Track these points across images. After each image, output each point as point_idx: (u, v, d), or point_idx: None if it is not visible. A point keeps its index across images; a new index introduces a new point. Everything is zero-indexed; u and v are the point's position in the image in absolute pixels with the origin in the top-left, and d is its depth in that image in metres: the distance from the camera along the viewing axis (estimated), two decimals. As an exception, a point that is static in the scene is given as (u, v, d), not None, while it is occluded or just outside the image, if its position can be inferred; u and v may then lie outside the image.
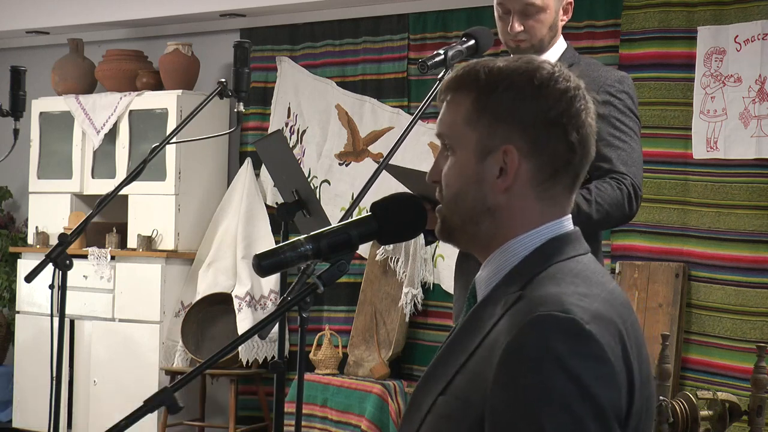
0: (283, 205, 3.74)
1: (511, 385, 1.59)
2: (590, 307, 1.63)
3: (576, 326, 1.60)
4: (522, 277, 1.71)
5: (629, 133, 3.22)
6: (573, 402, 1.56)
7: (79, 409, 6.95)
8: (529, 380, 1.58)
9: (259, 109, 6.94)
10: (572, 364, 1.57)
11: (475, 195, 1.74)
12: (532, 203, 1.74)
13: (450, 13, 6.21)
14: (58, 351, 3.45)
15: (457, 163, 1.76)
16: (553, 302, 1.63)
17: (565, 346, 1.58)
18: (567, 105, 1.74)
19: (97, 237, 6.96)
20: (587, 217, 3.04)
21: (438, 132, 1.80)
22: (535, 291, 1.67)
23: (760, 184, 5.14)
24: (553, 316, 1.61)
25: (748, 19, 5.20)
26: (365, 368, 6.08)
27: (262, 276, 1.81)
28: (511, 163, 1.72)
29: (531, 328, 1.60)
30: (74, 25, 7.42)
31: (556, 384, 1.57)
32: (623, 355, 1.64)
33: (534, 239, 1.74)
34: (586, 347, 1.59)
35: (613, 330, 1.64)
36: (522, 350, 1.60)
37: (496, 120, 1.72)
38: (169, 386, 1.67)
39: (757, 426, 4.03)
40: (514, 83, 1.73)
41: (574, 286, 1.67)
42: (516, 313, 1.65)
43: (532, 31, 3.25)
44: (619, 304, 1.69)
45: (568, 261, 1.73)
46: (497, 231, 1.75)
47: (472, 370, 1.67)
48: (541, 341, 1.59)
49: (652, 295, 5.32)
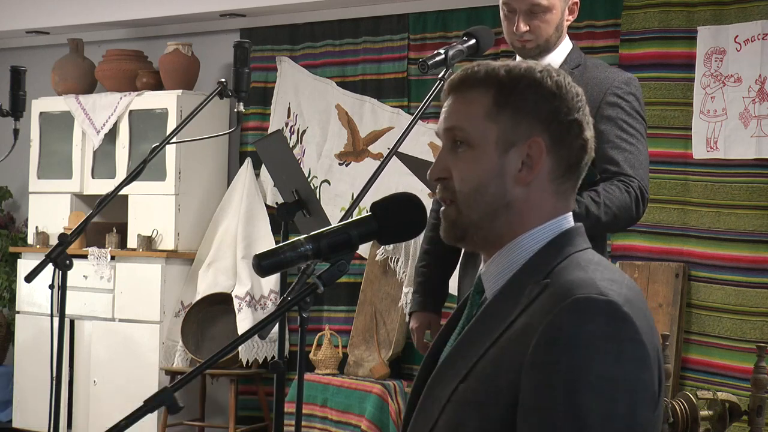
0: (283, 205, 3.74)
1: (550, 365, 1.61)
2: (621, 291, 1.67)
3: (614, 308, 1.63)
4: (542, 267, 1.73)
5: (636, 135, 3.22)
6: (610, 383, 1.59)
7: (79, 409, 6.95)
8: (568, 360, 1.60)
9: (259, 109, 6.94)
10: (610, 345, 1.61)
11: (496, 188, 1.76)
12: (548, 197, 1.77)
13: (450, 13, 6.21)
14: (58, 351, 3.45)
15: (475, 158, 1.77)
16: (589, 285, 1.66)
17: (604, 328, 1.62)
18: (581, 106, 1.79)
19: (97, 237, 6.96)
20: (596, 220, 3.04)
21: (448, 126, 1.80)
22: (563, 278, 1.70)
23: (760, 184, 5.14)
24: (591, 298, 1.64)
25: (748, 19, 5.20)
26: (365, 368, 6.08)
27: (262, 276, 1.81)
28: (537, 155, 1.75)
29: (570, 311, 1.63)
30: (74, 25, 7.42)
31: (595, 364, 1.59)
32: (652, 339, 1.67)
33: (545, 233, 1.77)
34: (624, 329, 1.63)
35: (641, 315, 1.67)
36: (561, 331, 1.62)
37: (519, 114, 1.76)
38: (169, 386, 1.67)
39: (757, 426, 4.02)
40: (535, 80, 1.77)
41: (600, 273, 1.70)
42: (549, 297, 1.67)
43: (538, 31, 3.24)
44: (638, 293, 1.73)
45: (583, 252, 1.77)
46: (510, 227, 1.77)
47: (497, 357, 1.68)
48: (580, 322, 1.62)
49: (652, 295, 5.32)
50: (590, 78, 3.24)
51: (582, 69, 3.28)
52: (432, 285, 3.53)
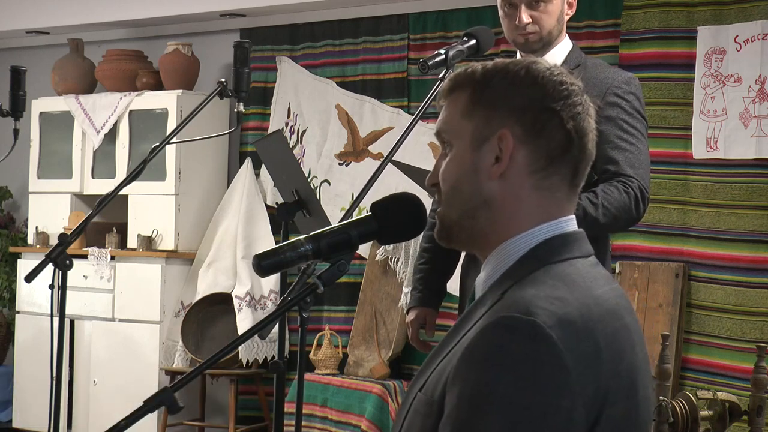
0: (283, 205, 3.74)
1: (460, 382, 1.59)
2: (559, 311, 1.60)
3: (534, 329, 1.57)
4: (511, 279, 1.70)
5: (636, 135, 3.20)
6: (515, 406, 1.55)
7: (79, 409, 6.95)
8: (477, 378, 1.57)
9: (259, 109, 6.94)
10: (522, 367, 1.56)
11: (471, 185, 1.73)
12: (528, 192, 1.72)
13: (450, 13, 6.21)
14: (58, 351, 3.45)
15: (454, 156, 1.76)
16: (520, 305, 1.61)
17: (518, 348, 1.57)
18: (563, 95, 1.72)
19: (97, 237, 6.96)
20: (594, 221, 3.03)
21: (436, 130, 1.80)
22: (514, 293, 1.66)
23: (760, 184, 5.14)
24: (514, 318, 1.59)
25: (748, 19, 5.20)
26: (365, 368, 6.08)
27: (262, 276, 1.81)
28: (506, 147, 1.70)
29: (490, 330, 1.60)
30: (74, 25, 7.42)
31: (500, 386, 1.55)
32: (593, 363, 1.60)
33: (528, 240, 1.72)
34: (540, 352, 1.56)
35: (583, 336, 1.60)
36: (476, 350, 1.59)
37: (492, 108, 1.73)
38: (169, 386, 1.67)
39: (757, 426, 4.02)
40: (509, 72, 1.74)
41: (552, 290, 1.64)
42: (489, 315, 1.64)
43: (541, 22, 3.23)
44: (604, 311, 1.65)
45: (560, 264, 1.70)
46: (494, 226, 1.73)
47: (441, 369, 1.67)
48: (494, 341, 1.58)
49: (652, 295, 5.32)
50: (590, 78, 3.24)
51: (582, 69, 3.27)
52: (430, 282, 3.52)
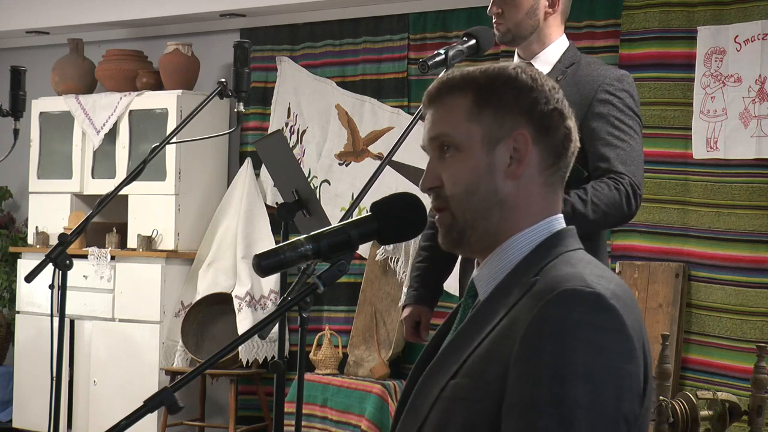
0: (283, 205, 3.74)
1: (534, 355, 1.62)
2: (608, 286, 1.68)
3: (600, 300, 1.64)
4: (533, 266, 1.74)
5: (629, 132, 3.19)
6: (594, 371, 1.59)
7: (79, 409, 6.95)
8: (551, 349, 1.60)
9: (259, 109, 6.94)
10: (595, 334, 1.61)
11: (487, 186, 1.77)
12: (539, 190, 1.79)
13: (450, 13, 6.21)
14: (58, 351, 3.45)
15: (464, 159, 1.78)
16: (577, 279, 1.67)
17: (589, 318, 1.62)
18: (559, 96, 1.81)
19: (97, 237, 6.96)
20: (583, 218, 3.02)
21: (433, 135, 1.82)
22: (551, 274, 1.71)
23: (760, 184, 5.14)
24: (577, 290, 1.64)
25: (748, 19, 5.20)
26: (365, 368, 6.08)
27: (262, 276, 1.81)
28: (524, 147, 1.77)
29: (556, 302, 1.64)
30: (74, 25, 7.42)
31: (580, 353, 1.60)
32: (639, 337, 1.67)
33: (536, 235, 1.78)
34: (610, 321, 1.63)
35: (629, 312, 1.67)
36: (546, 322, 1.63)
37: (501, 111, 1.78)
38: (169, 386, 1.67)
39: (757, 426, 4.02)
40: (510, 76, 1.79)
41: (589, 269, 1.71)
42: (536, 292, 1.68)
43: (507, 14, 3.27)
44: (630, 293, 1.73)
45: (574, 252, 1.77)
46: (503, 226, 1.78)
47: (486, 351, 1.69)
48: (564, 313, 1.62)
49: (652, 295, 5.32)
50: (582, 75, 3.24)
51: (576, 67, 3.27)
52: (426, 280, 3.51)
